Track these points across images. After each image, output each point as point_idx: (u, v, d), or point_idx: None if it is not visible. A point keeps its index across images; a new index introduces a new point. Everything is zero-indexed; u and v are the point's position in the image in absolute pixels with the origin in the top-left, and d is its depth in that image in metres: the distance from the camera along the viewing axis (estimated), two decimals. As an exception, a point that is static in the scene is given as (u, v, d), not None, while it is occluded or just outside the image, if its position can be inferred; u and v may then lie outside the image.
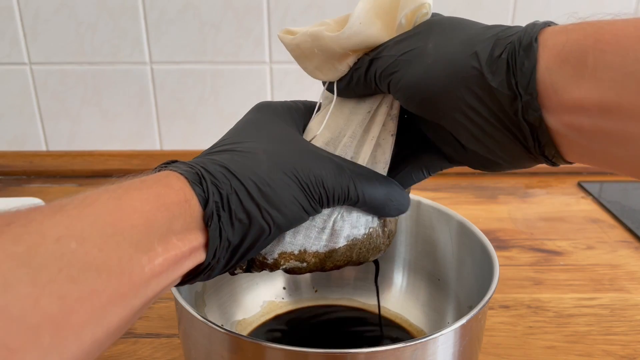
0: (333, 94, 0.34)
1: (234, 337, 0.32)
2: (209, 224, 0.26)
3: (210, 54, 0.81)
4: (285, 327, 0.48)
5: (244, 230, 0.28)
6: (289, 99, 0.37)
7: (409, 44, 0.29)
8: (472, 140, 0.28)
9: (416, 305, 0.49)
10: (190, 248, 0.26)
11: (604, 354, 0.48)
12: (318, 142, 0.34)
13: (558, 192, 0.80)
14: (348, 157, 0.34)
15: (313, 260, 0.34)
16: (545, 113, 0.25)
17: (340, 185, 0.31)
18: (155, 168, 0.30)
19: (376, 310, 0.49)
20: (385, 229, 0.36)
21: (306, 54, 0.32)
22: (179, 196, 0.26)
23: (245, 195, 0.28)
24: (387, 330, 0.47)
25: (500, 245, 0.65)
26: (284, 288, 0.51)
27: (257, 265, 0.34)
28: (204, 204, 0.27)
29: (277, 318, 0.49)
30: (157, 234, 0.24)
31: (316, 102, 0.37)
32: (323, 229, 0.33)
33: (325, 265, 0.34)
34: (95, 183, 0.82)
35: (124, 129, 0.85)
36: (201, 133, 0.85)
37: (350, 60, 0.31)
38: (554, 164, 0.28)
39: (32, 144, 0.86)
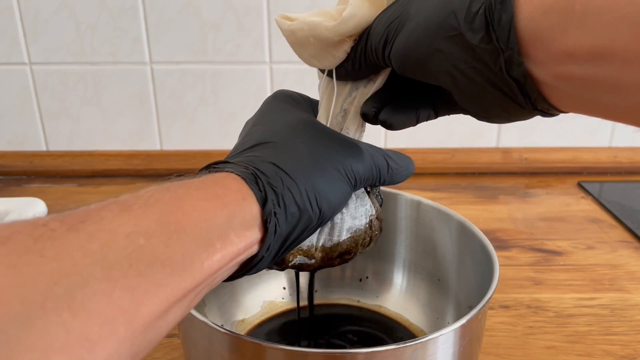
0: (331, 79, 0.34)
1: (234, 337, 0.32)
2: (269, 220, 0.28)
3: (210, 54, 0.81)
4: (285, 327, 0.48)
5: (295, 223, 0.29)
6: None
7: (395, 12, 0.29)
8: (464, 99, 0.28)
9: (416, 305, 0.49)
10: (246, 244, 0.27)
11: (604, 354, 0.48)
12: None
13: (558, 192, 0.80)
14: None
15: (320, 255, 0.34)
16: (532, 66, 0.24)
17: (369, 170, 0.33)
18: (207, 166, 0.31)
19: (375, 309, 0.49)
20: (380, 214, 0.37)
21: (301, 42, 0.32)
22: (236, 196, 0.28)
23: (297, 192, 0.29)
24: (388, 328, 0.48)
25: (500, 245, 0.65)
26: (284, 288, 0.51)
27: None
28: (262, 202, 0.28)
29: (277, 317, 0.49)
30: (216, 231, 0.26)
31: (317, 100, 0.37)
32: (326, 224, 0.34)
33: (333, 258, 0.35)
34: (95, 183, 0.82)
35: (124, 129, 0.85)
36: (201, 133, 0.85)
37: (347, 46, 0.31)
38: (550, 115, 0.27)
39: (32, 144, 0.86)
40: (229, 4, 0.78)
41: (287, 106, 0.35)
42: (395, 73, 0.32)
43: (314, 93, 0.38)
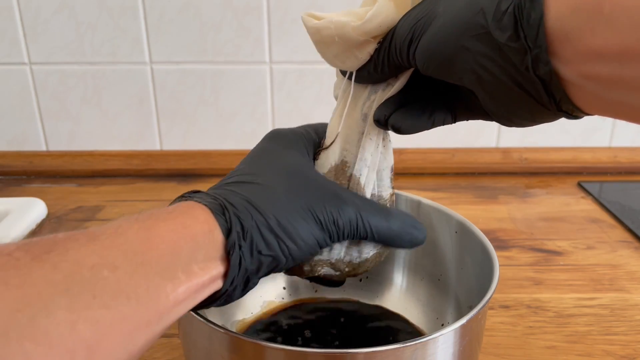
0: (351, 82, 0.34)
1: (234, 337, 0.32)
2: (231, 253, 0.28)
3: (210, 54, 0.81)
4: (284, 327, 0.48)
5: (261, 259, 0.29)
6: (288, 99, 0.38)
7: (421, 11, 0.29)
8: (488, 100, 0.27)
9: (416, 305, 0.49)
10: (210, 277, 0.27)
11: (604, 354, 0.48)
12: (337, 146, 0.35)
13: (558, 192, 0.80)
14: (365, 170, 0.35)
15: (347, 269, 0.36)
16: (559, 64, 0.24)
17: (349, 222, 0.32)
18: (179, 197, 0.31)
19: (375, 309, 0.49)
20: None
21: (326, 40, 0.32)
22: (203, 227, 0.28)
23: (265, 227, 0.29)
24: (388, 328, 0.48)
25: (500, 245, 0.65)
26: (284, 288, 0.51)
27: (295, 271, 0.36)
28: (227, 234, 0.28)
29: (276, 316, 0.49)
30: (181, 263, 0.26)
31: (324, 123, 0.38)
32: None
33: (358, 272, 0.37)
34: (95, 183, 0.82)
35: (124, 129, 0.85)
36: (201, 133, 0.85)
37: (371, 48, 0.31)
38: (574, 117, 0.27)
39: (32, 144, 0.86)
40: (229, 4, 0.78)
41: (278, 149, 0.35)
42: (413, 79, 0.32)
43: (313, 93, 0.38)
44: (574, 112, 0.26)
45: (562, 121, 0.29)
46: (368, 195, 0.35)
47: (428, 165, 0.86)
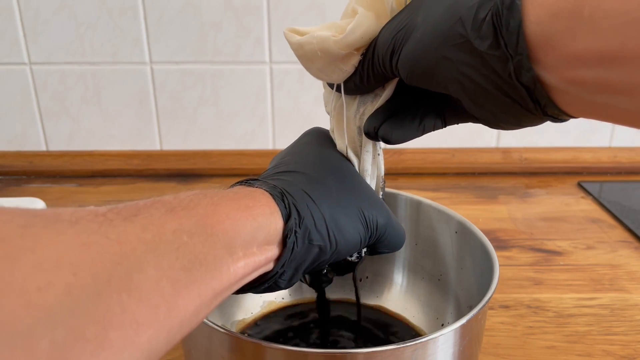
0: (341, 94, 0.34)
1: (234, 337, 0.32)
2: (289, 236, 0.29)
3: (210, 54, 0.81)
4: (284, 327, 0.48)
5: (311, 249, 0.30)
6: (288, 99, 0.38)
7: (401, 22, 0.29)
8: (473, 107, 0.27)
9: (416, 305, 0.49)
10: (266, 258, 0.28)
11: (604, 354, 0.48)
12: (352, 155, 0.36)
13: (558, 192, 0.80)
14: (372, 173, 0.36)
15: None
16: (543, 71, 0.23)
17: (385, 227, 0.34)
18: (238, 182, 0.33)
19: (376, 310, 0.49)
20: None
21: (309, 55, 0.32)
22: (264, 210, 0.29)
23: (319, 218, 0.30)
24: (388, 328, 0.48)
25: (500, 245, 0.65)
26: (284, 288, 0.51)
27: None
28: (286, 219, 0.29)
29: (277, 316, 0.49)
30: (241, 240, 0.27)
31: (321, 122, 0.39)
32: None
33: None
34: (95, 183, 0.82)
35: (124, 129, 0.85)
36: (201, 133, 0.85)
37: (355, 60, 0.31)
38: (561, 121, 0.27)
39: (32, 144, 0.86)
40: (229, 4, 0.78)
41: (322, 142, 0.37)
42: (400, 87, 0.33)
43: (314, 93, 0.38)
44: (560, 116, 0.26)
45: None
46: None
47: (428, 165, 0.86)
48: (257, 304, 0.49)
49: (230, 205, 0.27)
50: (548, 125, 0.85)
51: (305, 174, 0.33)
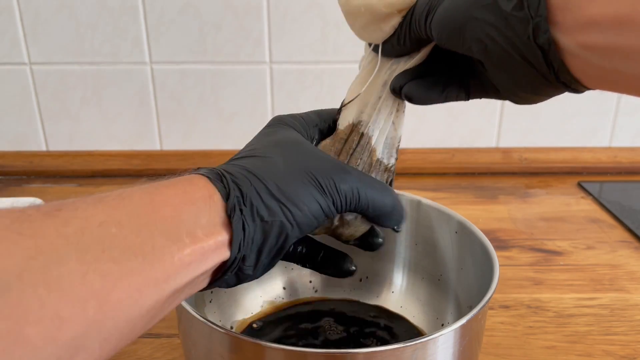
0: (378, 54, 0.35)
1: (234, 337, 0.32)
2: (232, 216, 0.28)
3: (210, 54, 0.81)
4: (284, 327, 0.48)
5: (266, 228, 0.29)
6: (288, 99, 0.38)
7: None
8: (494, 71, 0.29)
9: (416, 305, 0.49)
10: (215, 242, 0.27)
11: (604, 354, 0.48)
12: (354, 105, 0.37)
13: (558, 192, 0.80)
14: (377, 128, 0.36)
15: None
16: (559, 33, 0.25)
17: (351, 190, 0.32)
18: (180, 172, 0.32)
19: (375, 309, 0.49)
20: None
21: (354, 12, 0.34)
22: (202, 192, 0.28)
23: (265, 193, 0.29)
24: (388, 328, 0.48)
25: (500, 245, 0.65)
26: (284, 288, 0.51)
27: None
28: (226, 198, 0.28)
29: (276, 316, 0.49)
30: (184, 226, 0.26)
31: (330, 110, 0.39)
32: None
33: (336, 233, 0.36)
34: (95, 183, 0.82)
35: (124, 129, 0.85)
36: (201, 133, 0.85)
37: (395, 21, 0.33)
38: (574, 91, 0.28)
39: (32, 144, 0.86)
40: (229, 4, 0.78)
41: (277, 129, 0.36)
42: (433, 54, 0.34)
43: (314, 93, 0.38)
44: (572, 85, 0.27)
45: (562, 121, 0.29)
46: (377, 156, 0.36)
47: (428, 165, 0.86)
48: (257, 304, 0.49)
49: (166, 193, 0.27)
50: (548, 125, 0.85)
51: (251, 156, 0.32)
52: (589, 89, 0.28)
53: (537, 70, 0.27)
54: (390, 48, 0.34)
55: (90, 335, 0.21)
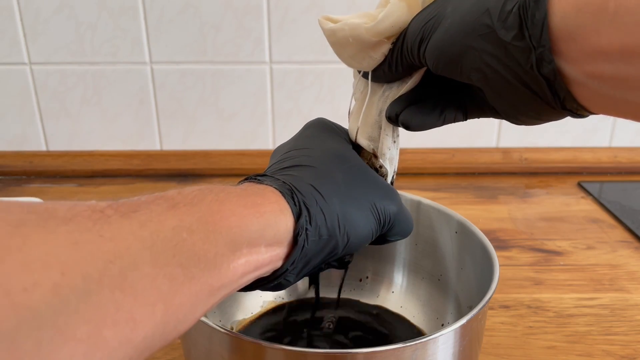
0: (367, 81, 0.35)
1: (234, 337, 0.32)
2: (300, 234, 0.29)
3: (210, 54, 0.81)
4: (284, 327, 0.48)
5: (322, 245, 0.30)
6: (288, 99, 0.38)
7: (431, 12, 0.30)
8: (495, 98, 0.28)
9: (416, 305, 0.49)
10: (271, 256, 0.28)
11: (604, 354, 0.48)
12: (362, 139, 0.37)
13: (558, 192, 0.80)
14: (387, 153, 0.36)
15: None
16: (564, 63, 0.24)
17: (394, 217, 0.34)
18: (246, 179, 0.33)
19: (376, 310, 0.49)
20: None
21: (341, 42, 0.33)
22: (274, 207, 0.29)
23: (329, 215, 0.30)
24: (388, 328, 0.48)
25: (500, 245, 0.65)
26: (284, 288, 0.51)
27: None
28: (297, 217, 0.29)
29: (276, 316, 0.49)
30: (248, 237, 0.27)
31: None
32: None
33: None
34: (95, 183, 0.82)
35: (124, 129, 0.85)
36: (201, 133, 0.85)
37: (385, 49, 0.32)
38: (579, 116, 0.27)
39: (32, 144, 0.86)
40: (229, 4, 0.78)
41: (326, 134, 0.37)
42: (426, 77, 0.33)
43: (314, 93, 0.38)
44: (578, 111, 0.26)
45: (562, 121, 0.29)
46: (388, 180, 0.37)
47: (428, 165, 0.86)
48: (257, 304, 0.49)
49: (237, 202, 0.27)
50: (548, 125, 0.85)
51: (312, 167, 0.33)
52: (594, 114, 0.27)
53: (542, 98, 0.26)
54: (382, 74, 0.34)
55: (157, 336, 0.22)
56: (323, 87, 0.82)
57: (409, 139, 0.85)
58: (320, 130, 0.37)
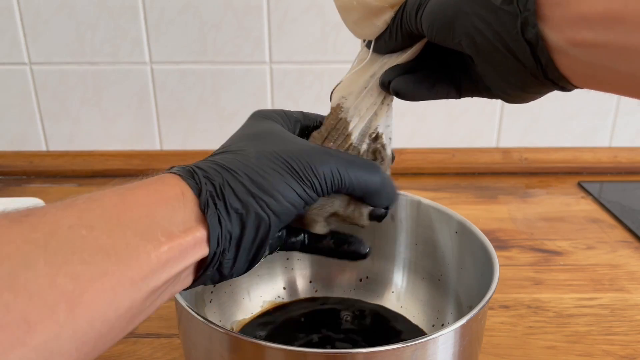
0: (369, 50, 0.35)
1: (234, 337, 0.32)
2: (206, 211, 0.28)
3: (210, 54, 0.81)
4: (284, 327, 0.48)
5: (242, 220, 0.29)
6: (288, 99, 0.38)
7: None
8: (483, 65, 0.29)
9: (416, 305, 0.49)
10: (193, 238, 0.27)
11: (604, 354, 0.48)
12: (339, 92, 0.37)
13: (558, 192, 0.80)
14: (357, 114, 0.36)
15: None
16: (547, 29, 0.25)
17: (330, 170, 0.31)
18: (153, 173, 0.31)
19: (376, 309, 0.49)
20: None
21: (347, 6, 0.34)
22: (175, 190, 0.28)
23: (237, 185, 0.29)
24: (388, 328, 0.48)
25: (500, 245, 0.65)
26: (284, 288, 0.51)
27: (305, 224, 0.36)
28: (198, 193, 0.28)
29: (276, 316, 0.49)
30: (159, 225, 0.26)
31: (316, 114, 0.39)
32: None
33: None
34: (95, 183, 0.82)
35: (124, 129, 0.85)
36: (201, 133, 0.85)
37: (388, 16, 0.33)
38: (562, 89, 0.28)
39: (32, 144, 0.86)
40: (229, 4, 0.78)
41: (254, 122, 0.36)
42: (425, 51, 0.34)
43: (314, 93, 0.38)
44: (560, 82, 0.27)
45: (562, 121, 0.29)
46: (352, 140, 0.36)
47: (428, 165, 0.86)
48: (257, 304, 0.49)
49: (138, 193, 0.27)
50: (548, 125, 0.85)
51: (224, 152, 0.32)
52: (577, 87, 0.27)
53: (525, 65, 0.26)
54: (383, 44, 0.34)
55: (64, 337, 0.21)
56: (323, 87, 0.82)
57: (409, 139, 0.85)
58: (252, 120, 0.37)
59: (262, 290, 0.50)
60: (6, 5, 0.77)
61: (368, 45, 0.36)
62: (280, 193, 0.30)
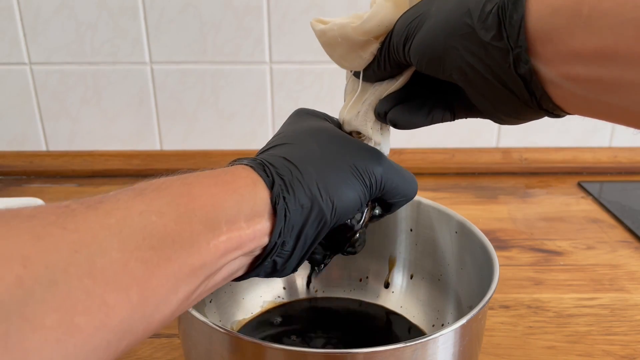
0: (359, 80, 0.35)
1: (234, 337, 0.32)
2: (277, 203, 0.29)
3: (210, 54, 0.81)
4: (284, 327, 0.48)
5: (307, 214, 0.30)
6: (288, 99, 0.39)
7: (416, 11, 0.30)
8: (475, 96, 0.29)
9: (416, 305, 0.49)
10: (254, 230, 0.28)
11: (604, 354, 0.48)
12: (348, 129, 0.37)
13: (558, 192, 0.80)
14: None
15: None
16: (540, 64, 0.25)
17: (381, 174, 0.33)
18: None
19: (376, 309, 0.49)
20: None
21: (331, 42, 0.34)
22: (246, 181, 0.29)
23: (306, 182, 0.30)
24: (388, 328, 0.48)
25: (500, 245, 0.65)
26: (284, 288, 0.51)
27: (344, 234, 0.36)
28: (270, 186, 0.29)
29: (276, 316, 0.49)
30: (225, 214, 0.27)
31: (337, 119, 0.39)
32: None
33: None
34: (95, 183, 0.82)
35: (124, 129, 0.85)
36: (201, 133, 0.85)
37: (374, 48, 0.32)
38: (556, 116, 0.28)
39: (32, 144, 0.86)
40: (229, 4, 0.78)
41: (306, 117, 0.37)
42: (415, 76, 0.34)
43: (314, 93, 0.38)
44: (555, 111, 0.27)
45: (563, 121, 0.29)
46: None
47: (428, 165, 0.86)
48: (257, 304, 0.49)
49: (206, 183, 0.28)
50: (548, 125, 0.85)
51: (286, 144, 0.33)
52: (571, 114, 0.27)
53: (519, 98, 0.26)
54: (372, 73, 0.34)
55: (135, 318, 0.23)
56: (323, 87, 0.82)
57: (409, 139, 0.85)
58: (297, 116, 0.37)
59: (262, 290, 0.50)
60: (6, 5, 0.77)
61: (356, 75, 0.35)
62: (346, 192, 0.31)
